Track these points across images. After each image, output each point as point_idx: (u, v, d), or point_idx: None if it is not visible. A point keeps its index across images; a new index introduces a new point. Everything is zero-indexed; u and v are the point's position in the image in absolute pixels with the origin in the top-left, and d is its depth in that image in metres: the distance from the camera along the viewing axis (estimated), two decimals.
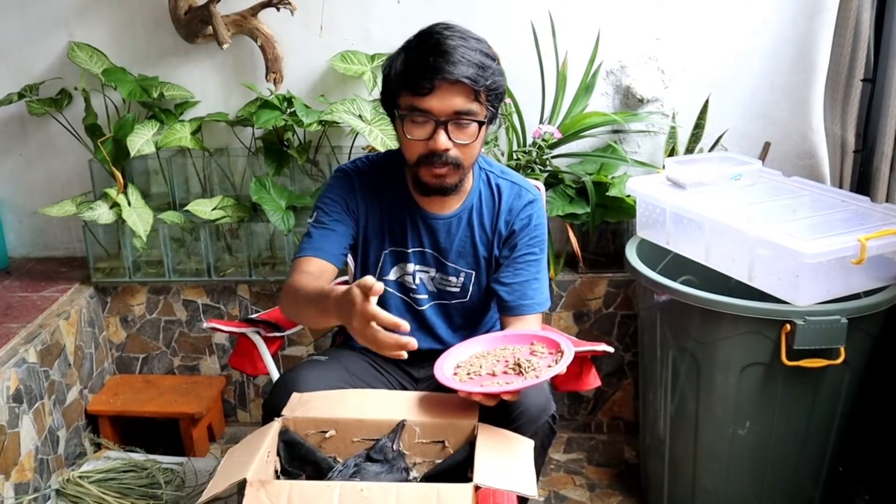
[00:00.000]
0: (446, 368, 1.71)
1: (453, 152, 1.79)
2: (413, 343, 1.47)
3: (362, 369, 2.01)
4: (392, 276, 2.00)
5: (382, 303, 1.99)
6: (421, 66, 1.72)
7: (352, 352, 2.07)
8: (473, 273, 2.00)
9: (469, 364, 1.73)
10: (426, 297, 2.02)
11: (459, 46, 1.73)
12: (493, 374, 1.68)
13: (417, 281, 2.00)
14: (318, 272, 1.87)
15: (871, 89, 2.45)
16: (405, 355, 1.50)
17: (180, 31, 2.77)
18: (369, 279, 1.47)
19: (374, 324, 1.47)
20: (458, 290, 2.01)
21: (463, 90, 1.73)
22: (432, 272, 2.00)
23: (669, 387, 2.29)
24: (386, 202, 1.96)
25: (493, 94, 1.79)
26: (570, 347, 1.72)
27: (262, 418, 1.85)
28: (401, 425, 1.62)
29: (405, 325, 1.47)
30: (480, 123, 1.78)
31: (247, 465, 1.48)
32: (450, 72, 1.71)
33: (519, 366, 1.68)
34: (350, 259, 2.04)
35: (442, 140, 1.76)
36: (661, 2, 2.70)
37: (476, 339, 1.85)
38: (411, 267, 1.99)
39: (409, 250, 1.97)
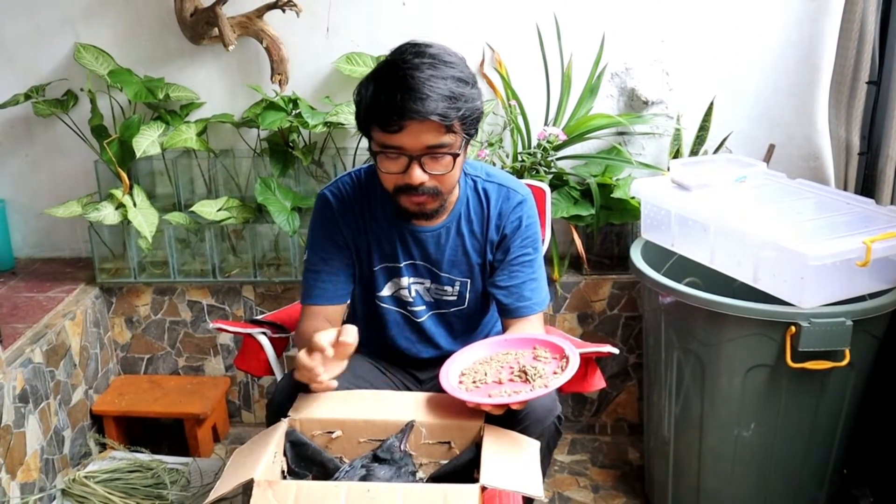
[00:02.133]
0: (451, 377, 1.71)
1: (430, 183, 1.75)
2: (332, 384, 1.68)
3: (367, 371, 2.01)
4: (387, 291, 1.99)
5: (381, 318, 2.01)
6: (389, 103, 1.66)
7: (357, 353, 2.06)
8: (468, 281, 1.99)
9: (473, 371, 1.73)
10: (424, 308, 2.01)
11: (429, 79, 1.66)
12: (500, 382, 1.68)
13: (413, 293, 1.99)
14: (324, 316, 1.95)
15: (876, 92, 2.45)
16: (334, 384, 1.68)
17: (186, 33, 2.78)
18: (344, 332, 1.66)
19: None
20: (454, 298, 2.00)
21: (433, 126, 1.67)
22: (427, 283, 1.99)
23: (674, 388, 2.29)
24: (372, 220, 1.94)
25: (467, 120, 1.73)
26: (575, 353, 1.72)
27: (267, 419, 1.86)
28: (409, 426, 1.62)
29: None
30: (455, 155, 1.74)
31: (254, 465, 1.48)
32: (417, 110, 1.64)
33: (525, 373, 1.68)
34: None
35: (416, 175, 1.72)
36: (666, 4, 2.71)
37: (478, 344, 1.84)
38: (405, 280, 1.97)
39: (401, 264, 1.95)
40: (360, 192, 1.94)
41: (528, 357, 1.75)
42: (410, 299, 1.99)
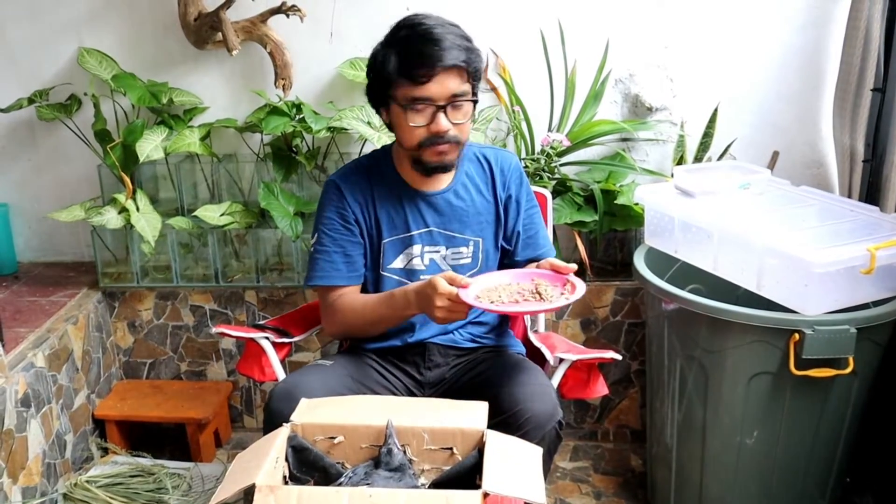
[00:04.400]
0: (468, 299, 1.78)
1: (452, 132, 1.89)
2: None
3: (367, 375, 2.01)
4: (399, 264, 2.04)
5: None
6: (417, 56, 1.82)
7: (358, 357, 2.07)
8: (480, 240, 2.06)
9: (487, 294, 1.81)
10: None
11: (447, 33, 1.84)
12: (517, 302, 1.78)
13: (427, 261, 2.03)
14: (350, 292, 2.04)
15: (881, 99, 2.45)
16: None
17: (190, 38, 2.78)
18: (456, 276, 1.78)
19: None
20: (469, 260, 2.05)
21: (457, 74, 1.84)
22: (442, 250, 2.03)
23: (677, 395, 2.29)
24: (379, 195, 2.02)
25: (476, 73, 1.90)
26: (579, 281, 1.82)
27: (264, 422, 1.87)
28: (388, 426, 1.61)
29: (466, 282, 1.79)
30: (474, 102, 1.91)
31: (255, 470, 1.48)
32: (443, 58, 1.81)
33: (539, 294, 1.79)
34: None
35: (443, 123, 1.86)
36: (670, 10, 2.71)
37: (480, 277, 1.89)
38: (417, 249, 2.02)
39: (414, 233, 2.02)
40: (366, 172, 2.05)
41: (531, 286, 1.84)
42: (423, 267, 2.03)
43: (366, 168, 2.05)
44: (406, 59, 1.83)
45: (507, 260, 2.12)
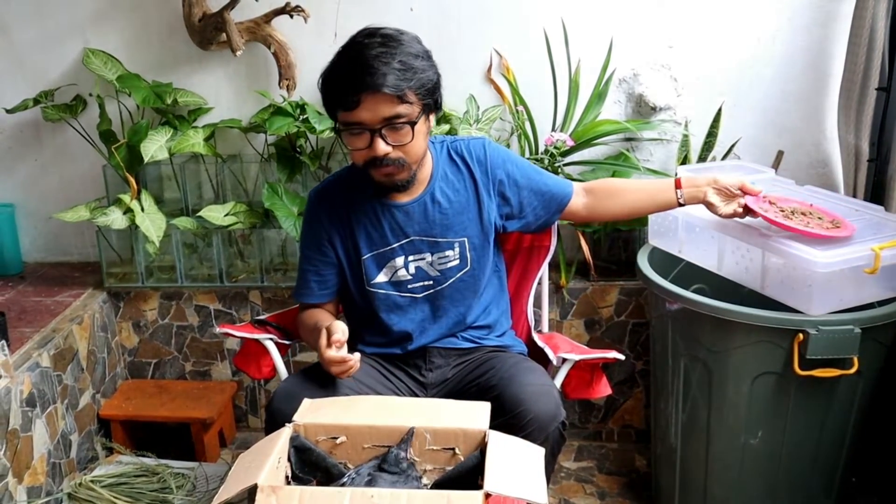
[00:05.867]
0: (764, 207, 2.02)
1: (394, 154, 1.84)
2: (355, 361, 1.82)
3: (369, 375, 2.01)
4: (382, 278, 2.02)
5: (383, 307, 2.05)
6: (344, 82, 1.79)
7: (360, 358, 2.07)
8: (465, 239, 2.02)
9: (775, 206, 2.05)
10: (430, 283, 2.02)
11: (379, 55, 1.77)
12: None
13: (413, 270, 2.01)
14: (315, 311, 2.10)
15: (886, 98, 2.44)
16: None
17: (194, 38, 2.79)
18: (337, 329, 1.80)
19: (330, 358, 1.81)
20: (457, 261, 2.02)
21: (387, 98, 1.77)
22: (428, 256, 2.01)
23: (681, 395, 2.28)
24: (356, 210, 2.00)
25: (421, 90, 1.82)
26: (847, 223, 2.05)
27: (266, 423, 1.88)
28: (410, 433, 1.62)
29: (353, 358, 1.81)
30: (412, 123, 1.82)
31: (258, 470, 1.48)
32: (368, 84, 1.75)
33: (819, 218, 2.06)
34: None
35: (380, 147, 1.82)
36: (674, 10, 2.70)
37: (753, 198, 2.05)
38: (400, 261, 2.00)
39: (394, 245, 1.99)
40: (344, 187, 2.03)
41: (807, 209, 2.10)
42: (409, 277, 2.01)
43: (345, 181, 2.03)
44: (335, 83, 1.82)
45: (540, 224, 2.11)
